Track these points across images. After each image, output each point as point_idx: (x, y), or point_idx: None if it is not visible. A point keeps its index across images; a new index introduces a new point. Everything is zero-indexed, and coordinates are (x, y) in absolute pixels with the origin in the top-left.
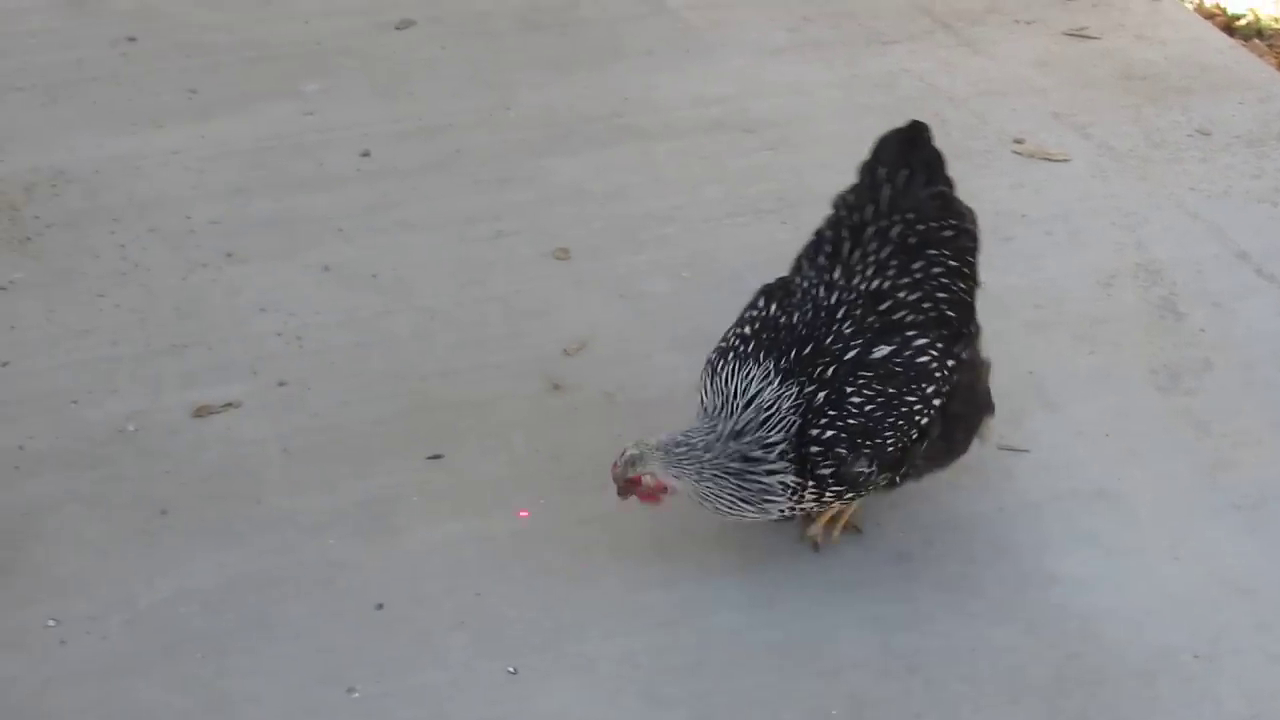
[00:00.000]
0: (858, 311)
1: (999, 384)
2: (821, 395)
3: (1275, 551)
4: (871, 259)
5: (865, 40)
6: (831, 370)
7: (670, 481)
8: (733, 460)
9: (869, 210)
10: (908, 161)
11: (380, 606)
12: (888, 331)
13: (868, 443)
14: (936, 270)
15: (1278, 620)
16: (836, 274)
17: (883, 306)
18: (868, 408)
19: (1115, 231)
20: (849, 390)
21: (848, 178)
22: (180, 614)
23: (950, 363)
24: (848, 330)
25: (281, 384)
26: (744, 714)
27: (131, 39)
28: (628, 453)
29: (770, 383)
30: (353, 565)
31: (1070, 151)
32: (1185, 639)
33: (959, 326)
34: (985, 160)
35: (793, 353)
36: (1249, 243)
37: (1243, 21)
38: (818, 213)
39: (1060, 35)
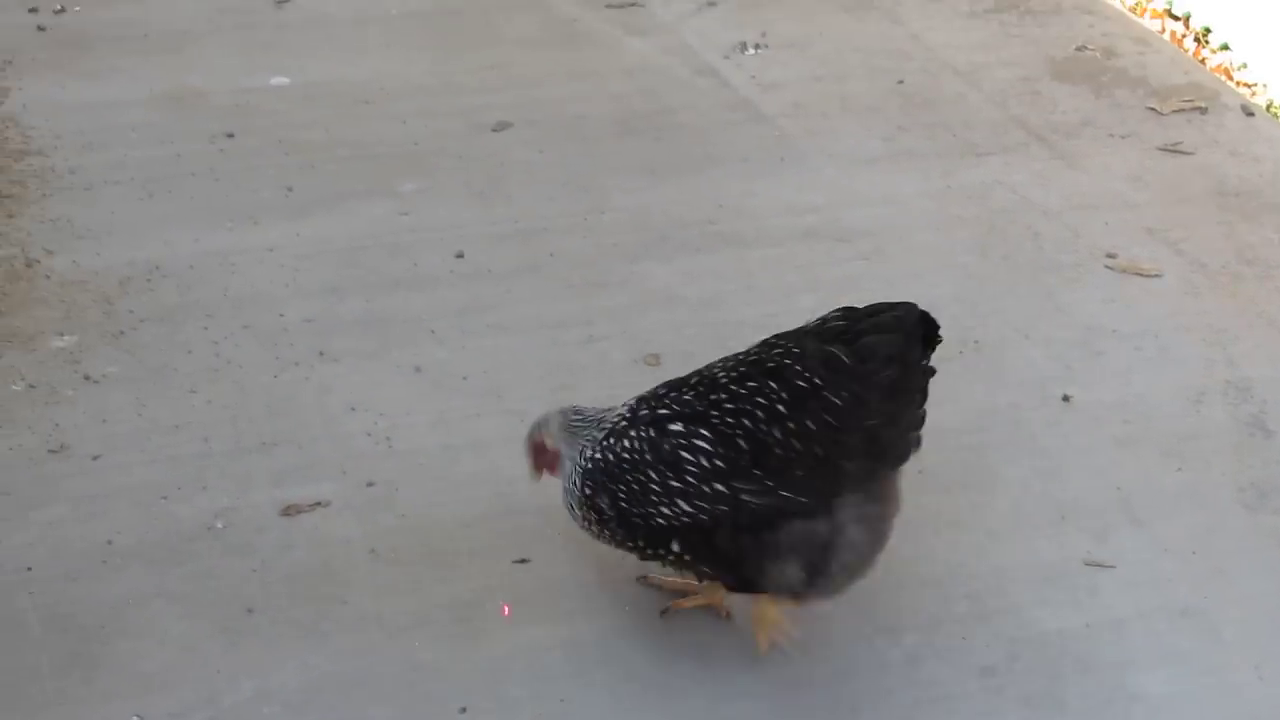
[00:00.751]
0: (702, 388)
1: (1086, 499)
2: (621, 424)
3: None
4: (743, 355)
5: (959, 152)
6: (643, 412)
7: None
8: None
9: (805, 327)
10: (859, 316)
11: (464, 710)
12: (697, 418)
13: (608, 484)
14: (760, 400)
15: None
16: (737, 352)
17: (711, 397)
18: (625, 456)
19: (1205, 348)
20: (631, 434)
21: (940, 289)
22: (263, 713)
23: (719, 486)
24: (687, 395)
25: (370, 484)
26: None
27: (230, 135)
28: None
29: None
30: (437, 668)
31: (1162, 267)
32: None
33: (750, 464)
34: (1077, 274)
35: (665, 388)
36: None
37: None
38: None
39: (1155, 150)
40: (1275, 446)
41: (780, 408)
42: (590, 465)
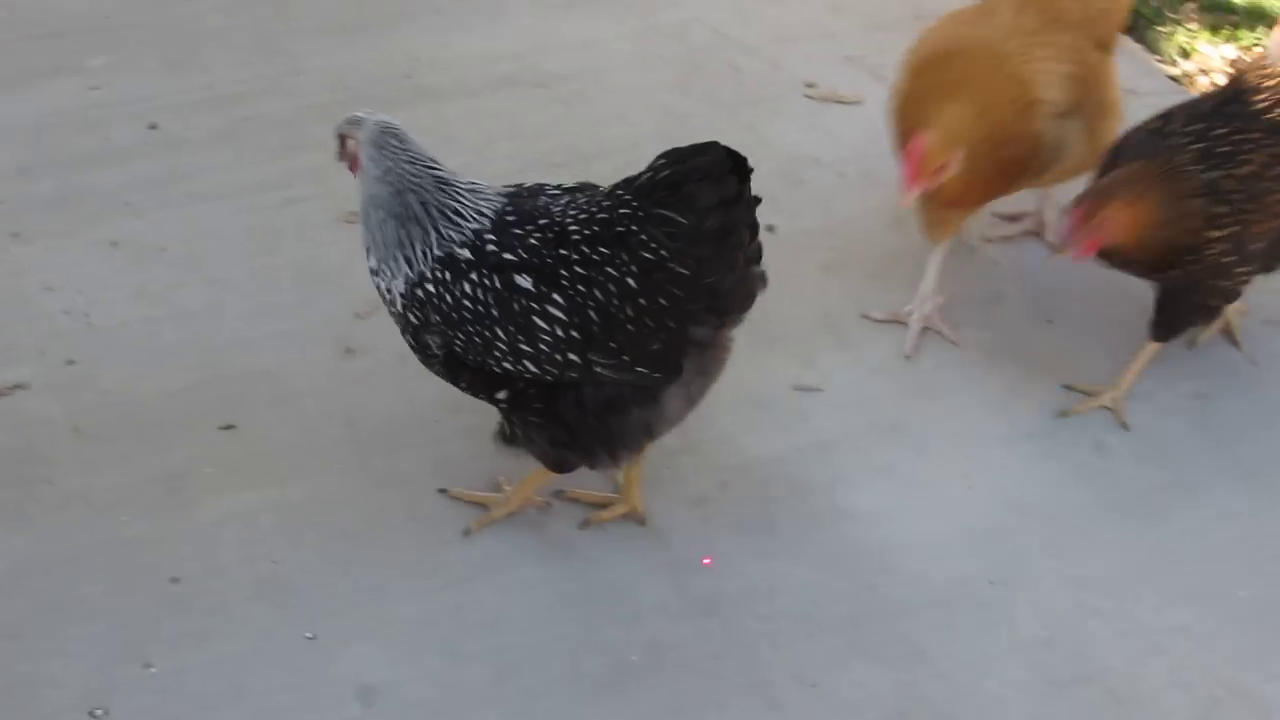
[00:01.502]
0: (550, 234)
1: (793, 326)
2: (464, 257)
3: (1067, 477)
4: (593, 210)
5: None
6: (488, 249)
7: (363, 160)
8: (419, 195)
9: (643, 180)
10: (680, 159)
11: (176, 580)
12: (547, 275)
13: (445, 328)
14: (611, 272)
15: (1069, 544)
16: (583, 197)
17: (560, 252)
18: (466, 305)
19: None
20: (472, 277)
21: (641, 129)
22: None
23: (573, 356)
24: (534, 239)
25: (70, 362)
26: (545, 666)
27: None
28: (355, 115)
29: (487, 209)
30: (147, 541)
31: (862, 94)
32: (981, 566)
33: (602, 336)
34: (778, 106)
35: (511, 214)
36: None
37: None
38: (610, 165)
39: None
40: (978, 262)
41: (631, 282)
42: (423, 296)
